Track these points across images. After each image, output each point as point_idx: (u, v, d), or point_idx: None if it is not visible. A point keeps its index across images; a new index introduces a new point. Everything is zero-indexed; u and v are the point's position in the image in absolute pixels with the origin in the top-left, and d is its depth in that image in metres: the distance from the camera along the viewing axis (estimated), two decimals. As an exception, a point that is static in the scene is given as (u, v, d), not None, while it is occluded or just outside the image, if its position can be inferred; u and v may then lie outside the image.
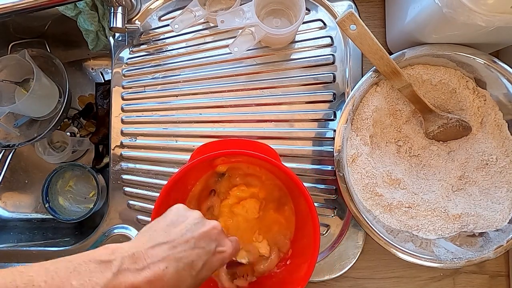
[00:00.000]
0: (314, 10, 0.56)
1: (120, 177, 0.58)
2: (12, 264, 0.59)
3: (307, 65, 0.55)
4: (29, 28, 0.67)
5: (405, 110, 0.51)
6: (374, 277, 0.55)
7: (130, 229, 0.57)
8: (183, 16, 0.52)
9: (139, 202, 0.57)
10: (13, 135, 0.66)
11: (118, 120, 0.59)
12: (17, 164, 0.76)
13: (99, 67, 0.77)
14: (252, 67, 0.56)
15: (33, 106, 0.65)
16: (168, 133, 0.57)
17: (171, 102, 0.58)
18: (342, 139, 0.48)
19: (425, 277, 0.54)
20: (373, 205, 0.49)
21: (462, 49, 0.47)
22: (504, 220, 0.47)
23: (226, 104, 0.56)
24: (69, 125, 0.77)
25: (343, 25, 0.45)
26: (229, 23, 0.48)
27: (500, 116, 0.49)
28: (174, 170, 0.56)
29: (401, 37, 0.51)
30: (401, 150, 0.52)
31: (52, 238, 0.69)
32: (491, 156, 0.48)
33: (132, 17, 0.59)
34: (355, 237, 0.54)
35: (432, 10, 0.41)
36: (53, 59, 0.65)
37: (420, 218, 0.48)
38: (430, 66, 0.49)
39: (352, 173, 0.49)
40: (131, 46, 0.60)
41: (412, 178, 0.51)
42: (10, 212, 0.75)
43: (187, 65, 0.58)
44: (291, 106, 0.55)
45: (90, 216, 0.67)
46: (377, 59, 0.46)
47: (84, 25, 0.57)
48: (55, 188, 0.70)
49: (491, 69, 0.47)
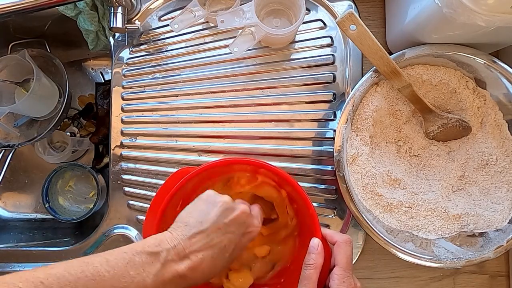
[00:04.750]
0: (314, 10, 0.56)
1: (120, 177, 0.58)
2: (12, 264, 0.59)
3: (307, 65, 0.55)
4: (29, 28, 0.67)
5: (405, 110, 0.51)
6: (374, 277, 0.55)
7: (130, 229, 0.57)
8: (183, 16, 0.52)
9: (139, 202, 0.57)
10: (13, 135, 0.66)
11: (118, 120, 0.59)
12: (17, 164, 0.76)
13: (99, 67, 0.77)
14: (252, 67, 0.56)
15: (33, 106, 0.65)
16: (168, 133, 0.57)
17: (171, 102, 0.58)
18: (342, 139, 0.48)
19: (425, 277, 0.54)
20: (373, 205, 0.49)
21: (462, 49, 0.47)
22: (504, 220, 0.47)
23: (226, 104, 0.56)
24: (69, 125, 0.77)
25: (343, 25, 0.45)
26: (229, 23, 0.48)
27: (500, 116, 0.49)
28: (174, 170, 0.56)
29: (401, 37, 0.51)
30: (401, 150, 0.52)
31: (52, 238, 0.69)
32: (491, 156, 0.48)
33: (132, 17, 0.59)
34: (355, 237, 0.54)
35: (432, 10, 0.41)
36: (53, 59, 0.65)
37: (420, 218, 0.48)
38: (430, 66, 0.49)
39: (352, 173, 0.49)
40: (131, 46, 0.60)
41: (412, 178, 0.51)
42: (10, 212, 0.75)
43: (187, 65, 0.58)
44: (291, 106, 0.55)
45: (90, 216, 0.67)
46: (377, 59, 0.46)
47: (84, 25, 0.57)
48: (55, 188, 0.70)
49: (491, 69, 0.47)
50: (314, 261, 0.38)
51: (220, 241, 0.36)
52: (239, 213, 0.38)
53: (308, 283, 0.37)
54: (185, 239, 0.35)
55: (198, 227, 0.35)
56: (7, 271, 0.59)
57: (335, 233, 0.41)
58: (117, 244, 0.57)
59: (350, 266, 0.38)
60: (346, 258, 0.38)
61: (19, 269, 0.59)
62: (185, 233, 0.35)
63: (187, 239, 0.35)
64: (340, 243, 0.39)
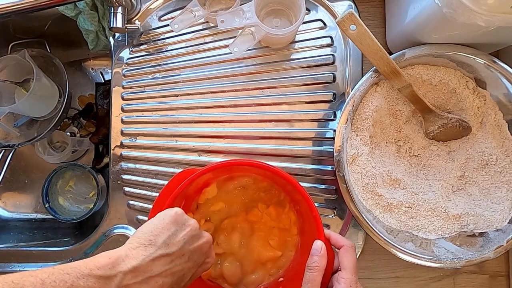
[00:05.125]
0: (314, 10, 0.56)
1: (120, 177, 0.58)
2: (12, 264, 0.59)
3: (307, 65, 0.55)
4: (29, 28, 0.67)
5: (405, 110, 0.51)
6: (374, 277, 0.55)
7: (130, 229, 0.58)
8: (183, 16, 0.52)
9: (139, 202, 0.57)
10: (13, 135, 0.66)
11: (118, 120, 0.59)
12: (17, 164, 0.76)
13: (99, 67, 0.77)
14: (252, 67, 0.56)
15: (33, 106, 0.65)
16: (168, 133, 0.57)
17: (171, 102, 0.58)
18: (342, 139, 0.48)
19: (425, 277, 0.54)
20: (373, 205, 0.49)
21: (462, 49, 0.47)
22: (504, 220, 0.47)
23: (226, 104, 0.56)
24: (69, 125, 0.77)
25: (343, 25, 0.45)
26: (229, 23, 0.48)
27: (500, 116, 0.49)
28: (174, 170, 0.56)
29: (401, 37, 0.51)
30: (401, 150, 0.52)
31: (52, 238, 0.69)
32: (491, 156, 0.48)
33: (132, 17, 0.59)
34: (355, 237, 0.54)
35: (432, 10, 0.41)
36: (53, 59, 0.65)
37: (420, 218, 0.48)
38: (430, 66, 0.49)
39: (352, 173, 0.49)
40: (131, 46, 0.60)
41: (412, 178, 0.51)
42: (10, 212, 0.75)
43: (187, 65, 0.58)
44: (291, 106, 0.55)
45: (90, 216, 0.67)
46: (377, 59, 0.46)
47: (84, 25, 0.57)
48: (55, 188, 0.70)
49: (491, 69, 0.47)
50: (318, 264, 0.37)
51: (181, 269, 0.33)
52: (203, 242, 0.36)
53: (312, 285, 0.37)
54: (148, 260, 0.30)
55: (164, 249, 0.32)
56: (7, 271, 0.59)
57: (340, 237, 0.40)
58: (117, 244, 0.56)
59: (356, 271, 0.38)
60: (353, 263, 0.38)
61: (19, 269, 0.59)
62: (149, 254, 0.31)
63: (150, 261, 0.30)
64: (348, 248, 0.39)
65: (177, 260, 0.32)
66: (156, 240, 0.32)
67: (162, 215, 0.35)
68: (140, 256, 0.30)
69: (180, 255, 0.33)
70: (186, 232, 0.34)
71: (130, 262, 0.29)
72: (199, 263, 0.36)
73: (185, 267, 0.33)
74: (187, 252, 0.33)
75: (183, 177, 0.42)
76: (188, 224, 0.35)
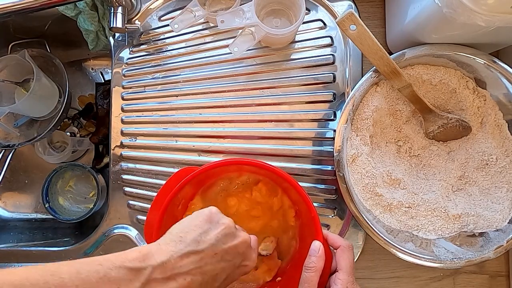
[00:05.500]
0: (314, 10, 0.56)
1: (120, 177, 0.58)
2: (12, 264, 0.59)
3: (307, 65, 0.55)
4: (29, 28, 0.67)
5: (405, 110, 0.51)
6: (374, 277, 0.55)
7: (130, 229, 0.58)
8: (183, 16, 0.52)
9: (139, 202, 0.57)
10: (13, 135, 0.66)
11: (118, 120, 0.59)
12: (17, 164, 0.76)
13: (99, 67, 0.77)
14: (252, 67, 0.56)
15: (33, 106, 0.65)
16: (168, 133, 0.57)
17: (171, 102, 0.58)
18: (342, 139, 0.48)
19: (425, 277, 0.54)
20: (373, 205, 0.49)
21: (462, 49, 0.47)
22: (504, 220, 0.47)
23: (226, 104, 0.56)
24: (69, 125, 0.77)
25: (343, 25, 0.45)
26: (229, 23, 0.48)
27: (500, 116, 0.49)
28: (174, 170, 0.56)
29: (401, 37, 0.51)
30: (401, 150, 0.52)
31: (52, 238, 0.69)
32: (491, 156, 0.48)
33: (132, 17, 0.59)
34: (355, 237, 0.54)
35: (432, 10, 0.41)
36: (53, 59, 0.65)
37: (420, 218, 0.48)
38: (430, 66, 0.49)
39: (352, 173, 0.49)
40: (131, 46, 0.60)
41: (412, 178, 0.51)
42: (10, 212, 0.75)
43: (187, 65, 0.58)
44: (291, 106, 0.55)
45: (90, 216, 0.67)
46: (377, 59, 0.46)
47: (84, 25, 0.57)
48: (55, 188, 0.70)
49: (491, 69, 0.47)
50: (315, 264, 0.37)
51: (213, 269, 0.32)
52: (240, 242, 0.34)
53: (309, 286, 0.36)
54: (177, 257, 0.30)
55: (194, 246, 0.31)
56: (7, 271, 0.59)
57: (338, 238, 0.40)
58: (117, 244, 0.57)
59: (353, 272, 0.38)
60: (350, 264, 0.38)
61: (19, 269, 0.59)
62: (178, 250, 0.31)
63: (178, 257, 0.30)
64: (344, 248, 0.38)
65: (208, 258, 0.32)
66: (186, 237, 0.32)
67: (197, 213, 0.35)
68: (169, 252, 0.30)
69: (212, 253, 0.32)
70: (219, 231, 0.33)
71: (159, 257, 0.30)
72: (235, 265, 0.34)
73: (218, 267, 0.32)
74: (220, 252, 0.32)
75: (182, 175, 0.42)
76: (222, 223, 0.34)
